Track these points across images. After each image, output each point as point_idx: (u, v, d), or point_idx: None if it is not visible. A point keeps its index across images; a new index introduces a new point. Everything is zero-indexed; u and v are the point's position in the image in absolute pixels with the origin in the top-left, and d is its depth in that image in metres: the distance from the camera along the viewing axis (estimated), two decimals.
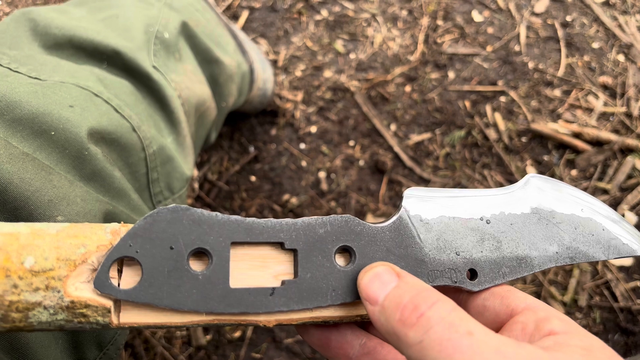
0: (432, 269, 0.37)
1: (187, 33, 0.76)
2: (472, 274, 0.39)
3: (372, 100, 1.12)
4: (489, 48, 1.17)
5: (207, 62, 0.79)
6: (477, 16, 1.22)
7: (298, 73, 1.14)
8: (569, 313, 0.94)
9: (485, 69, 1.15)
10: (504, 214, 0.40)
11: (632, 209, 1.00)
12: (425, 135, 1.08)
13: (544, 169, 1.05)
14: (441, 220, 0.39)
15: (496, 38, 1.19)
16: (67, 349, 0.48)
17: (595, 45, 1.18)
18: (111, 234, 0.32)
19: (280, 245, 0.35)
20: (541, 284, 0.95)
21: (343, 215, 0.37)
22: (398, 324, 0.31)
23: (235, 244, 0.34)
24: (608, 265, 0.96)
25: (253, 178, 1.04)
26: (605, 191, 1.02)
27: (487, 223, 0.40)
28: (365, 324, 0.41)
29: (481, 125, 1.08)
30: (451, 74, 1.14)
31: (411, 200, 0.39)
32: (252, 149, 1.07)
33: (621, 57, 1.17)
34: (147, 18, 0.69)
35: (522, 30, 1.20)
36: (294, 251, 0.35)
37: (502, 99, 1.11)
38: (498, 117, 1.09)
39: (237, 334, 0.93)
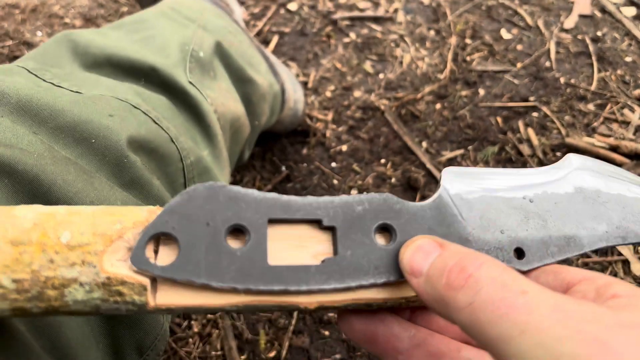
0: (478, 248, 0.36)
1: (221, 53, 0.78)
2: (519, 253, 0.37)
3: (403, 118, 1.12)
4: (519, 65, 1.17)
5: (241, 81, 0.81)
6: (505, 34, 1.22)
7: (328, 94, 1.15)
8: None
9: (516, 85, 1.14)
10: (546, 193, 0.39)
11: None
12: (458, 152, 1.07)
13: None
14: (483, 199, 0.38)
15: (526, 55, 1.19)
16: (108, 353, 0.48)
17: (628, 58, 1.17)
18: (147, 212, 0.31)
19: (318, 223, 0.34)
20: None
21: (381, 193, 0.36)
22: (445, 289, 0.29)
23: (272, 221, 0.33)
24: None
25: None
26: None
27: (531, 202, 0.38)
28: (412, 316, 0.40)
29: (514, 140, 1.07)
30: (481, 91, 1.14)
31: (450, 180, 0.38)
32: (283, 168, 1.08)
33: None
34: (183, 37, 0.71)
35: (552, 46, 1.19)
36: (332, 230, 0.34)
37: (535, 114, 1.10)
38: (531, 132, 1.08)
39: (272, 354, 0.93)
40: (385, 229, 0.35)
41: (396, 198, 0.36)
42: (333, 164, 1.08)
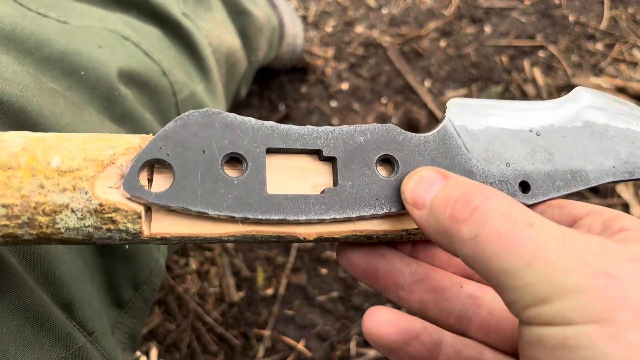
0: (482, 181, 0.35)
1: None
2: (525, 187, 0.36)
3: (406, 56, 1.08)
4: (527, 1, 1.13)
5: (237, 13, 0.78)
6: None
7: (328, 29, 1.11)
8: None
9: (523, 23, 1.10)
10: (554, 127, 0.38)
11: None
12: (461, 92, 1.05)
13: None
14: (488, 131, 0.37)
15: None
16: (103, 288, 0.47)
17: None
18: (140, 138, 0.30)
19: (317, 154, 0.33)
20: None
21: (384, 124, 0.35)
22: (449, 221, 0.28)
23: (270, 150, 0.32)
24: None
25: None
26: None
27: (537, 135, 0.38)
28: (413, 251, 0.39)
29: (519, 80, 1.04)
30: (487, 29, 1.10)
31: (455, 110, 0.37)
32: (282, 107, 1.05)
33: None
34: None
35: None
36: (332, 160, 0.34)
37: (541, 53, 1.07)
38: (537, 72, 1.05)
39: (270, 291, 0.93)
40: (388, 161, 0.35)
41: (399, 129, 0.35)
42: (333, 103, 1.05)
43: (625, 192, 0.95)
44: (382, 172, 0.34)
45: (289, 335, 0.91)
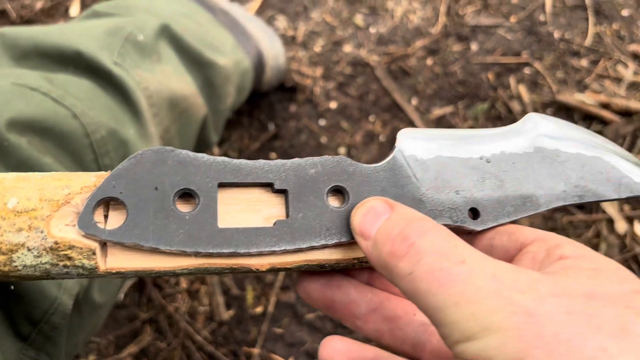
0: (431, 209, 0.36)
1: (171, 36, 0.77)
2: (475, 213, 0.37)
3: (393, 75, 1.10)
4: (512, 18, 1.14)
5: (199, 64, 0.80)
6: None
7: (317, 48, 1.13)
8: None
9: (509, 40, 1.12)
10: (504, 153, 0.38)
11: None
12: (448, 109, 1.06)
13: None
14: (438, 160, 0.38)
15: (520, 8, 1.16)
16: (3, 322, 0.48)
17: (625, 12, 1.14)
18: (96, 177, 0.31)
19: (269, 186, 0.35)
20: None
21: (335, 156, 0.36)
22: (389, 257, 0.30)
23: (223, 185, 0.33)
24: (636, 238, 0.94)
25: (273, 155, 1.04)
26: None
27: (488, 162, 0.38)
28: (370, 278, 0.40)
29: (505, 97, 1.05)
30: (474, 46, 1.12)
31: (406, 141, 0.38)
32: (272, 126, 1.07)
33: None
34: (116, 23, 0.71)
35: (548, 0, 1.16)
36: (284, 192, 0.35)
37: (527, 70, 1.08)
38: (522, 88, 1.06)
39: (259, 309, 0.94)
40: (339, 191, 0.36)
41: (350, 160, 0.36)
42: (321, 122, 1.07)
43: (610, 208, 0.95)
44: (333, 202, 0.35)
45: (278, 353, 0.92)
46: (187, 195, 0.33)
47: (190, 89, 0.76)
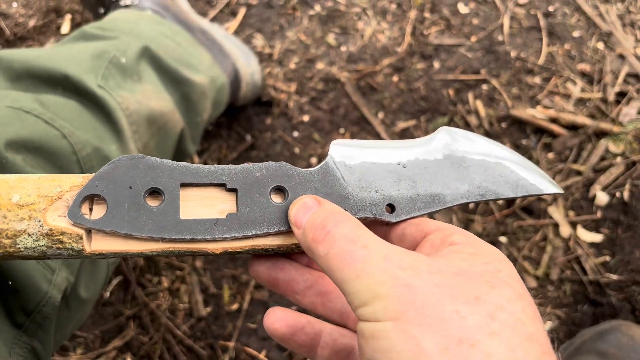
0: (355, 204, 0.44)
1: (151, 57, 0.85)
2: (391, 208, 0.45)
3: (362, 90, 1.19)
4: (473, 38, 1.24)
5: (177, 82, 0.88)
6: (462, 8, 1.28)
7: (292, 65, 1.22)
8: (541, 286, 1.01)
9: (469, 59, 1.21)
10: (418, 160, 0.46)
11: (604, 189, 1.06)
12: (411, 122, 1.15)
13: (522, 152, 1.11)
14: (363, 165, 0.45)
15: (481, 29, 1.25)
16: (1, 312, 0.55)
17: (576, 34, 1.24)
18: (82, 178, 0.39)
19: (223, 186, 0.42)
20: (516, 260, 1.02)
21: (278, 162, 0.44)
22: (312, 242, 0.38)
23: (184, 185, 0.41)
24: (579, 241, 1.03)
25: None
26: (579, 173, 1.08)
27: (404, 167, 0.46)
28: (310, 261, 0.47)
29: (463, 112, 1.14)
30: (436, 64, 1.21)
31: (336, 149, 0.46)
32: (248, 137, 1.15)
33: (600, 45, 1.22)
34: (102, 47, 0.78)
35: (506, 21, 1.26)
36: (235, 191, 0.42)
37: (484, 86, 1.18)
38: (479, 104, 1.15)
39: (235, 306, 1.02)
40: (280, 190, 0.43)
41: (289, 165, 0.44)
42: (295, 134, 1.15)
43: (556, 214, 1.04)
44: (276, 199, 0.43)
45: (252, 347, 0.99)
46: (155, 192, 0.40)
47: (168, 105, 0.84)
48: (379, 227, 0.45)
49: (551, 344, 0.34)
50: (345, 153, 0.46)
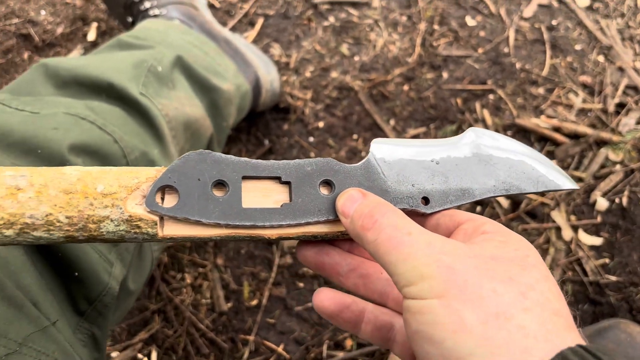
0: (394, 197, 0.49)
1: (183, 66, 0.91)
2: (426, 201, 0.49)
3: (374, 98, 1.25)
4: (480, 50, 1.30)
5: (206, 90, 0.94)
6: (470, 21, 1.34)
7: (308, 74, 1.28)
8: None
9: (476, 69, 1.27)
10: (450, 157, 0.51)
11: (604, 195, 1.12)
12: (421, 130, 1.21)
13: None
14: (400, 162, 0.50)
15: (487, 41, 1.31)
16: (65, 299, 0.61)
17: (578, 47, 1.30)
18: (156, 171, 0.44)
19: (278, 179, 0.47)
20: None
21: (326, 158, 0.48)
22: (361, 229, 0.42)
23: (245, 178, 0.46)
24: (580, 244, 1.09)
25: None
26: (580, 179, 1.14)
27: (437, 164, 0.51)
28: (351, 248, 0.52)
29: (471, 120, 1.20)
30: (445, 74, 1.27)
31: (377, 147, 0.50)
32: (266, 141, 1.21)
33: (601, 58, 1.28)
34: (141, 56, 0.84)
35: (511, 34, 1.32)
36: (288, 184, 0.47)
37: (491, 96, 1.24)
38: (486, 113, 1.21)
39: (254, 302, 1.07)
40: (328, 183, 0.48)
41: (336, 161, 0.49)
42: (311, 139, 1.21)
43: (559, 218, 1.10)
44: (324, 191, 0.48)
45: (271, 340, 1.05)
46: (220, 184, 0.45)
47: (200, 111, 0.90)
48: (415, 217, 0.50)
49: (573, 320, 0.39)
50: (385, 151, 0.51)
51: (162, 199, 0.44)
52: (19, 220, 0.40)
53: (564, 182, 0.53)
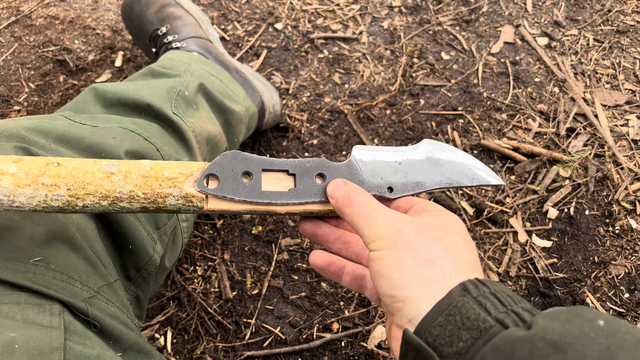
0: (368, 186, 0.66)
1: (204, 91, 1.10)
2: (390, 190, 0.66)
3: (361, 120, 1.45)
4: (453, 81, 1.51)
5: (222, 110, 1.13)
6: (445, 55, 1.56)
7: (304, 99, 1.48)
8: (502, 281, 1.26)
9: (449, 97, 1.48)
10: (409, 159, 0.68)
11: (554, 205, 1.32)
12: None
13: None
14: (373, 162, 0.67)
15: (459, 73, 1.53)
16: (120, 266, 0.77)
17: (537, 79, 1.51)
18: (204, 164, 0.60)
19: (286, 172, 0.64)
20: (483, 259, 1.27)
21: (320, 158, 0.64)
22: (342, 206, 0.60)
23: (264, 170, 0.63)
24: (533, 246, 1.28)
25: None
26: (535, 192, 1.34)
27: (399, 164, 0.68)
28: (338, 223, 0.68)
29: (442, 140, 1.41)
30: (422, 101, 1.48)
31: (357, 151, 0.67)
32: (268, 155, 1.40)
33: (556, 89, 1.50)
34: (172, 83, 1.02)
35: (480, 67, 1.53)
36: (294, 175, 0.64)
37: (461, 120, 1.44)
38: (456, 134, 1.42)
39: (256, 291, 1.26)
40: (322, 175, 0.66)
41: (327, 160, 0.66)
42: (306, 154, 1.41)
43: (516, 224, 1.30)
44: (318, 181, 0.65)
45: (269, 324, 1.23)
46: (247, 174, 0.62)
47: (218, 129, 1.09)
48: (383, 201, 0.67)
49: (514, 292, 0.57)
50: (363, 154, 0.68)
51: (207, 183, 0.63)
52: (112, 194, 0.59)
53: (492, 179, 0.73)
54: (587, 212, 1.31)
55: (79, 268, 0.67)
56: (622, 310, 1.21)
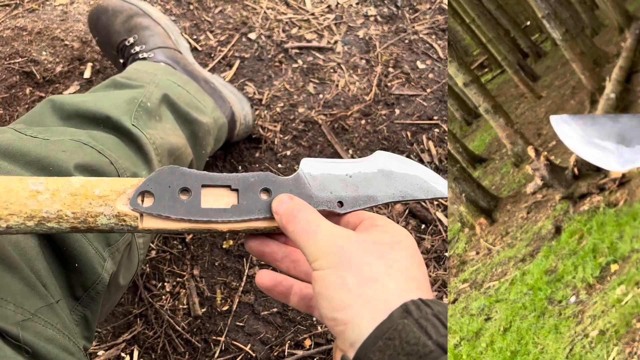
0: (316, 201, 0.62)
1: (169, 102, 1.07)
2: (340, 204, 0.63)
3: (335, 131, 1.42)
4: (428, 90, 1.49)
5: (188, 122, 1.11)
6: (421, 64, 1.54)
7: (278, 109, 1.45)
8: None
9: (425, 107, 1.46)
10: (360, 172, 0.65)
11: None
12: None
13: None
14: (322, 175, 0.63)
15: (435, 82, 1.50)
16: (66, 285, 0.75)
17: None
18: (138, 180, 0.58)
19: (229, 187, 0.61)
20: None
21: (265, 172, 0.63)
22: (285, 223, 0.57)
23: (204, 185, 0.60)
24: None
25: None
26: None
27: (350, 177, 0.64)
28: (286, 240, 0.65)
29: (418, 150, 1.38)
30: (397, 111, 1.45)
31: (305, 164, 0.64)
32: (240, 168, 1.38)
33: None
34: (132, 94, 1.00)
35: None
36: (237, 191, 0.61)
37: (436, 130, 1.42)
38: (431, 144, 1.39)
39: (226, 307, 1.22)
40: (267, 190, 0.63)
41: (273, 174, 0.63)
42: (279, 165, 1.38)
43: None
44: (264, 196, 0.62)
45: (239, 341, 1.19)
46: (185, 190, 0.59)
47: (182, 141, 1.06)
48: (332, 216, 0.64)
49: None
50: (311, 167, 0.65)
51: (142, 200, 0.60)
52: (38, 214, 0.56)
53: (446, 192, 0.70)
54: None
55: (14, 289, 0.64)
56: None
